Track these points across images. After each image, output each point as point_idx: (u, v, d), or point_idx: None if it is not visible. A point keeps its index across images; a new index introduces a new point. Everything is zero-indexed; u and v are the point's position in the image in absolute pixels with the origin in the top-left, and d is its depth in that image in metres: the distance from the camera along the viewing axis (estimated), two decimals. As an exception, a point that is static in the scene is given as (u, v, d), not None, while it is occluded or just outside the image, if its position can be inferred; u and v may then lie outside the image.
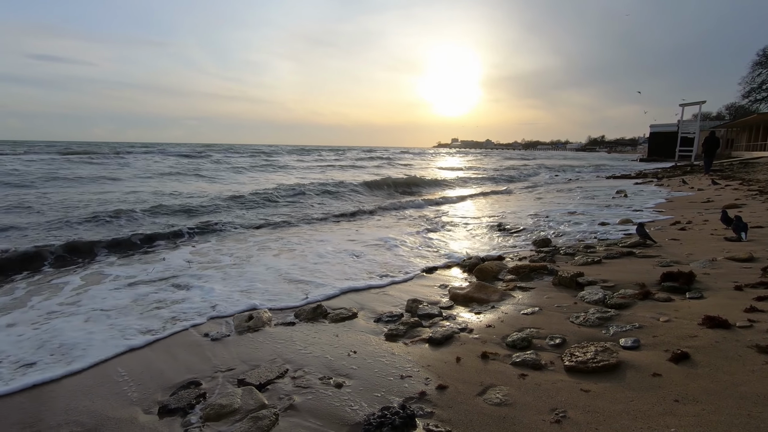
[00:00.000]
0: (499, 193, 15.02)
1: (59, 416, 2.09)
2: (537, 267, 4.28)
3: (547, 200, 11.31)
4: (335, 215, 9.11)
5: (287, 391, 2.25)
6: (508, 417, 1.85)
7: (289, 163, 25.48)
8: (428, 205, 11.26)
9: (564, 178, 22.10)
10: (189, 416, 2.06)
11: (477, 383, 2.18)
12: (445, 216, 9.02)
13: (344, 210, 9.86)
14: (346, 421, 1.94)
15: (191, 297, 3.89)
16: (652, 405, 1.83)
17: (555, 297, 3.47)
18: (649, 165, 32.88)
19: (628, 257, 4.62)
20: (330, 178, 17.48)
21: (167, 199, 10.27)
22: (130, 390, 2.33)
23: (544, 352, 2.49)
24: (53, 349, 2.85)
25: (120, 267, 5.04)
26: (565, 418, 1.80)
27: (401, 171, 20.29)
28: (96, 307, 3.63)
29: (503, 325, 2.94)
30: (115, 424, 2.02)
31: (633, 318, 2.84)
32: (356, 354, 2.65)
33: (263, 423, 1.93)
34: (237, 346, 2.86)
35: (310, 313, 3.39)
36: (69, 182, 13.45)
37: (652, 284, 3.49)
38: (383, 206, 10.49)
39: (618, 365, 2.21)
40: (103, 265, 5.11)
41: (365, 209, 10.01)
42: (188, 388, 2.33)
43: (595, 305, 3.18)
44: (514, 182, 19.83)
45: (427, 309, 3.36)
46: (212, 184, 15.02)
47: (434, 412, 1.95)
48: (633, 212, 8.21)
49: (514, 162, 41.33)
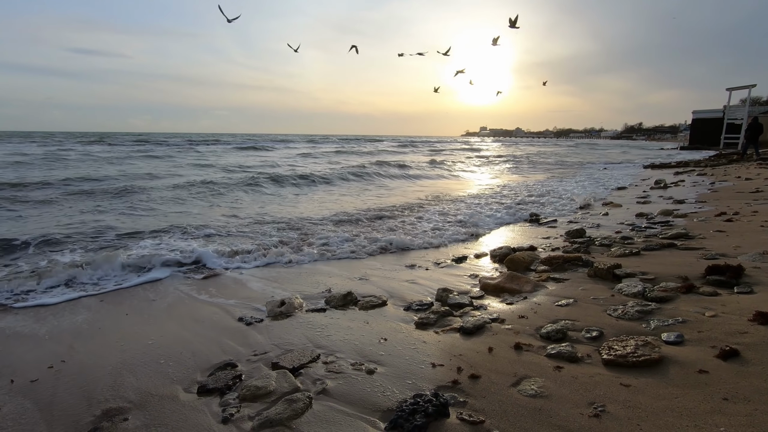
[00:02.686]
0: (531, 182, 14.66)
1: (107, 392, 2.20)
2: (571, 258, 4.15)
3: (580, 190, 10.94)
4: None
5: (320, 375, 2.28)
6: (544, 409, 1.81)
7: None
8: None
9: (598, 166, 21.32)
10: (226, 396, 2.13)
11: (510, 374, 2.14)
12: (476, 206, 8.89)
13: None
14: (378, 407, 1.96)
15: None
16: (698, 403, 1.75)
17: (591, 289, 3.36)
18: (690, 154, 31.20)
19: (669, 249, 4.42)
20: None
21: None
22: (170, 369, 2.43)
23: (580, 344, 2.42)
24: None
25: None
26: (604, 412, 1.75)
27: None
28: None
29: (537, 317, 2.88)
30: (158, 401, 2.11)
31: (676, 312, 2.71)
32: (387, 341, 2.66)
33: (297, 406, 1.97)
34: (270, 331, 2.93)
35: (341, 300, 3.43)
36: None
37: (695, 278, 3.32)
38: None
39: (660, 360, 2.12)
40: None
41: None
42: (225, 369, 2.41)
43: (634, 298, 3.06)
44: (549, 171, 19.29)
45: (457, 298, 3.33)
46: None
47: (467, 401, 1.93)
48: (673, 204, 7.84)
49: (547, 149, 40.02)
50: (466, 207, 8.48)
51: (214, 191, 10.78)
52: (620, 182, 12.84)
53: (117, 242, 5.62)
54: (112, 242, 5.62)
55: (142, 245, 5.22)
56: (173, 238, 5.73)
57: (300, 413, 1.93)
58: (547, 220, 6.84)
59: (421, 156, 28.82)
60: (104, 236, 5.92)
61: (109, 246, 5.38)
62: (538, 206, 8.38)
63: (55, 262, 4.51)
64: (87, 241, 5.64)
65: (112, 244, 5.52)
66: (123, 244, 5.44)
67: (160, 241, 5.56)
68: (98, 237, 5.87)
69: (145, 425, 1.91)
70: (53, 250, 5.21)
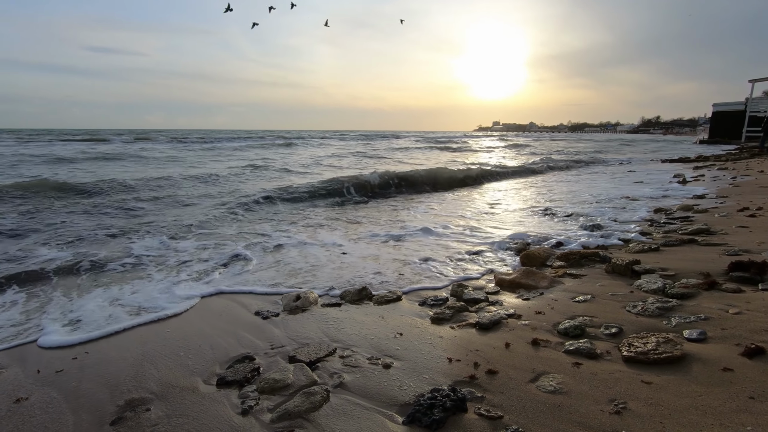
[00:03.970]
0: (546, 175, 14.47)
1: (130, 382, 2.25)
2: (588, 253, 4.09)
3: (596, 184, 10.77)
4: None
5: (336, 369, 2.30)
6: (564, 405, 1.80)
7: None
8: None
9: (615, 160, 20.93)
10: (245, 389, 2.16)
11: (528, 370, 2.12)
12: (490, 198, 8.81)
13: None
14: (395, 401, 1.96)
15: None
16: (723, 401, 1.71)
17: (609, 285, 3.32)
18: (710, 148, 30.41)
19: (690, 245, 4.33)
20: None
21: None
22: (190, 361, 2.47)
23: (599, 341, 2.39)
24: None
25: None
26: (625, 409, 1.72)
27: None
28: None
29: (554, 312, 2.85)
30: (179, 392, 2.15)
31: (698, 309, 2.66)
32: (402, 336, 2.66)
33: (315, 399, 1.99)
34: (286, 325, 2.96)
35: (356, 294, 3.44)
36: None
37: (718, 274, 3.25)
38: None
39: (683, 357, 2.08)
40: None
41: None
42: (243, 362, 2.44)
43: (653, 294, 3.01)
44: (565, 169, 19.02)
45: (472, 294, 3.31)
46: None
47: (485, 396, 1.93)
48: (693, 199, 7.66)
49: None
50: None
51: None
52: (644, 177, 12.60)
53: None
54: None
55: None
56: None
57: (318, 406, 1.95)
58: (564, 214, 6.75)
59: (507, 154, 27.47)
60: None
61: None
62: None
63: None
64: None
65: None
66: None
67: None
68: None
69: (167, 416, 1.94)
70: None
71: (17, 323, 3.08)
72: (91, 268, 4.26)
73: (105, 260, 4.47)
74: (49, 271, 4.13)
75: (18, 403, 2.11)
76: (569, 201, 8.31)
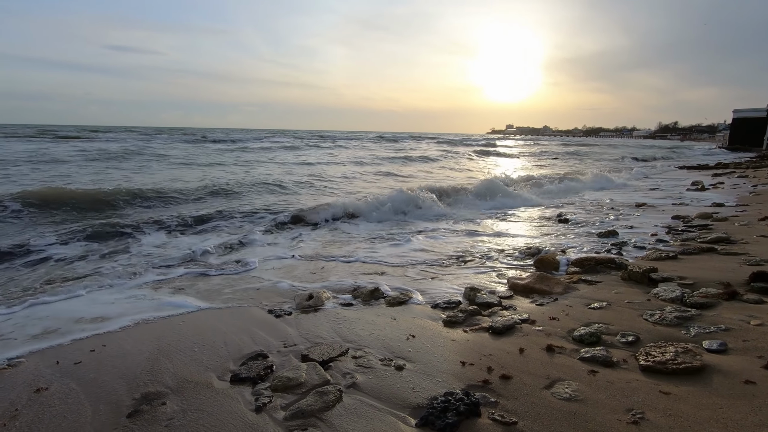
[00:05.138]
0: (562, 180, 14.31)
1: (146, 376, 2.29)
2: (603, 260, 4.04)
3: (612, 191, 10.61)
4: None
5: (349, 369, 2.30)
6: (579, 413, 1.77)
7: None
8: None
9: (631, 167, 20.61)
10: (258, 386, 2.17)
11: (543, 376, 2.10)
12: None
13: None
14: (408, 403, 1.96)
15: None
16: (745, 414, 1.67)
17: (625, 292, 3.26)
18: (730, 155, 29.74)
19: (709, 254, 4.24)
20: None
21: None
22: (204, 357, 2.50)
23: (616, 349, 2.35)
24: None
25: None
26: (643, 419, 1.69)
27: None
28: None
29: (568, 319, 2.81)
30: (194, 387, 2.17)
31: (718, 319, 2.60)
32: (415, 338, 2.66)
33: (328, 398, 1.99)
34: (299, 324, 2.97)
35: (368, 295, 3.44)
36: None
37: (738, 284, 3.18)
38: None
39: (702, 369, 2.04)
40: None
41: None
42: (256, 359, 2.46)
43: (671, 303, 2.95)
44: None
45: (485, 298, 3.29)
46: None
47: (498, 402, 1.91)
48: (712, 207, 7.50)
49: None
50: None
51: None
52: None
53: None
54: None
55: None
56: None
57: (331, 406, 1.96)
58: (578, 221, 6.67)
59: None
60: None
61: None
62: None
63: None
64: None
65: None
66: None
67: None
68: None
69: (182, 410, 1.97)
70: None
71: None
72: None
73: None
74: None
75: (38, 393, 2.15)
76: (584, 209, 8.20)
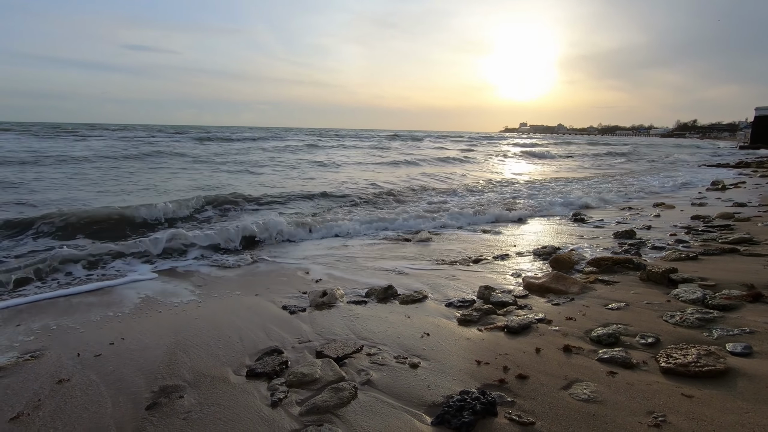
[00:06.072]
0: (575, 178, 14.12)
1: (164, 369, 2.32)
2: (621, 260, 3.96)
3: (629, 189, 10.42)
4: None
5: (364, 366, 2.30)
6: (599, 415, 1.74)
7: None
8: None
9: (650, 164, 20.23)
10: (274, 381, 2.18)
11: (560, 377, 2.07)
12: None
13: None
14: (423, 401, 1.95)
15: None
16: (772, 419, 1.62)
17: (643, 293, 3.20)
18: (751, 154, 28.93)
19: (731, 254, 4.13)
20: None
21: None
22: (220, 352, 2.53)
23: (635, 350, 2.31)
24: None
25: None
26: (665, 422, 1.65)
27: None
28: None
29: (585, 319, 2.77)
30: (210, 381, 2.20)
31: (741, 322, 2.53)
32: (429, 336, 2.64)
33: (343, 395, 1.99)
34: (313, 320, 2.98)
35: (381, 292, 3.44)
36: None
37: (763, 286, 3.09)
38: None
39: (726, 372, 1.98)
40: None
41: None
42: (271, 355, 2.48)
43: (692, 305, 2.89)
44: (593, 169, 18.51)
45: (500, 297, 3.25)
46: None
47: (515, 401, 1.89)
48: (733, 206, 7.32)
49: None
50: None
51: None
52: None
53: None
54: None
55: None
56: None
57: (346, 402, 1.96)
58: (593, 220, 6.57)
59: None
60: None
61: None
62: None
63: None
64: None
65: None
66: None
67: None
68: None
69: (199, 403, 1.99)
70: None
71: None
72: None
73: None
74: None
75: (60, 384, 2.20)
76: (600, 205, 8.07)
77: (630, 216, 6.81)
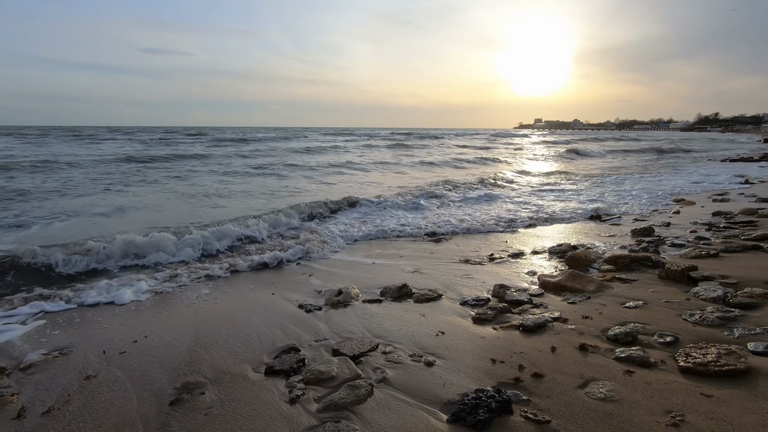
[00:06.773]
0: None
1: (185, 367, 2.39)
2: (639, 258, 3.91)
3: (647, 184, 10.22)
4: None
5: (379, 364, 2.33)
6: (615, 414, 1.74)
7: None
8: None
9: (666, 158, 19.75)
10: (291, 378, 2.23)
11: (576, 375, 2.07)
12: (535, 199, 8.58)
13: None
14: (438, 399, 1.97)
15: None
16: (795, 420, 1.59)
17: (662, 291, 3.16)
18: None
19: (754, 252, 4.04)
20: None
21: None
22: (239, 349, 2.59)
23: (653, 349, 2.28)
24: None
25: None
26: (683, 422, 1.64)
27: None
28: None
29: (602, 318, 2.75)
30: (230, 378, 2.26)
31: (764, 320, 2.48)
32: (444, 335, 2.66)
33: (360, 392, 2.03)
34: (329, 319, 3.03)
35: (396, 291, 3.47)
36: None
37: (787, 284, 3.01)
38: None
39: (747, 371, 1.95)
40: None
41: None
42: (289, 352, 2.53)
43: (713, 303, 2.84)
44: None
45: (515, 295, 3.25)
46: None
47: (531, 400, 1.89)
48: (757, 202, 7.12)
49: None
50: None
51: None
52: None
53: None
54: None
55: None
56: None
57: (362, 399, 1.99)
58: (611, 218, 6.47)
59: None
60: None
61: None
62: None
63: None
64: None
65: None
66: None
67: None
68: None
69: (220, 400, 2.05)
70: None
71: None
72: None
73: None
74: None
75: (88, 380, 2.29)
76: (619, 200, 7.94)
77: (647, 211, 6.68)
